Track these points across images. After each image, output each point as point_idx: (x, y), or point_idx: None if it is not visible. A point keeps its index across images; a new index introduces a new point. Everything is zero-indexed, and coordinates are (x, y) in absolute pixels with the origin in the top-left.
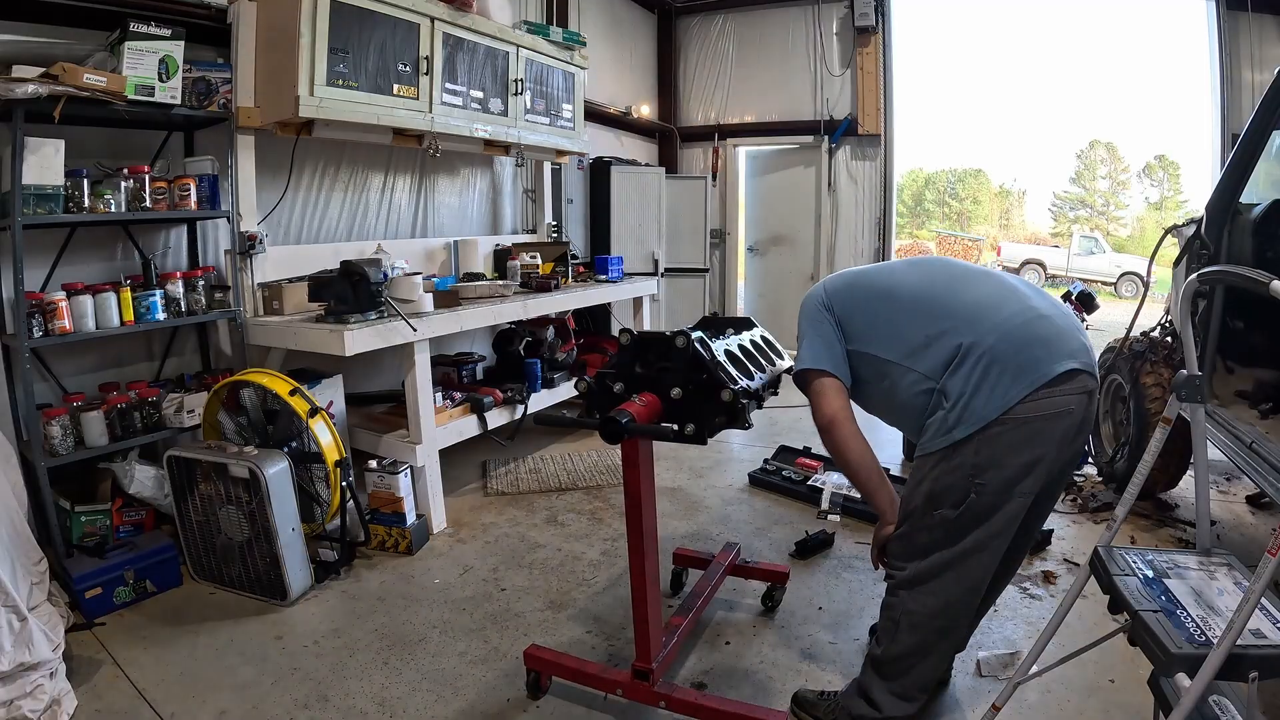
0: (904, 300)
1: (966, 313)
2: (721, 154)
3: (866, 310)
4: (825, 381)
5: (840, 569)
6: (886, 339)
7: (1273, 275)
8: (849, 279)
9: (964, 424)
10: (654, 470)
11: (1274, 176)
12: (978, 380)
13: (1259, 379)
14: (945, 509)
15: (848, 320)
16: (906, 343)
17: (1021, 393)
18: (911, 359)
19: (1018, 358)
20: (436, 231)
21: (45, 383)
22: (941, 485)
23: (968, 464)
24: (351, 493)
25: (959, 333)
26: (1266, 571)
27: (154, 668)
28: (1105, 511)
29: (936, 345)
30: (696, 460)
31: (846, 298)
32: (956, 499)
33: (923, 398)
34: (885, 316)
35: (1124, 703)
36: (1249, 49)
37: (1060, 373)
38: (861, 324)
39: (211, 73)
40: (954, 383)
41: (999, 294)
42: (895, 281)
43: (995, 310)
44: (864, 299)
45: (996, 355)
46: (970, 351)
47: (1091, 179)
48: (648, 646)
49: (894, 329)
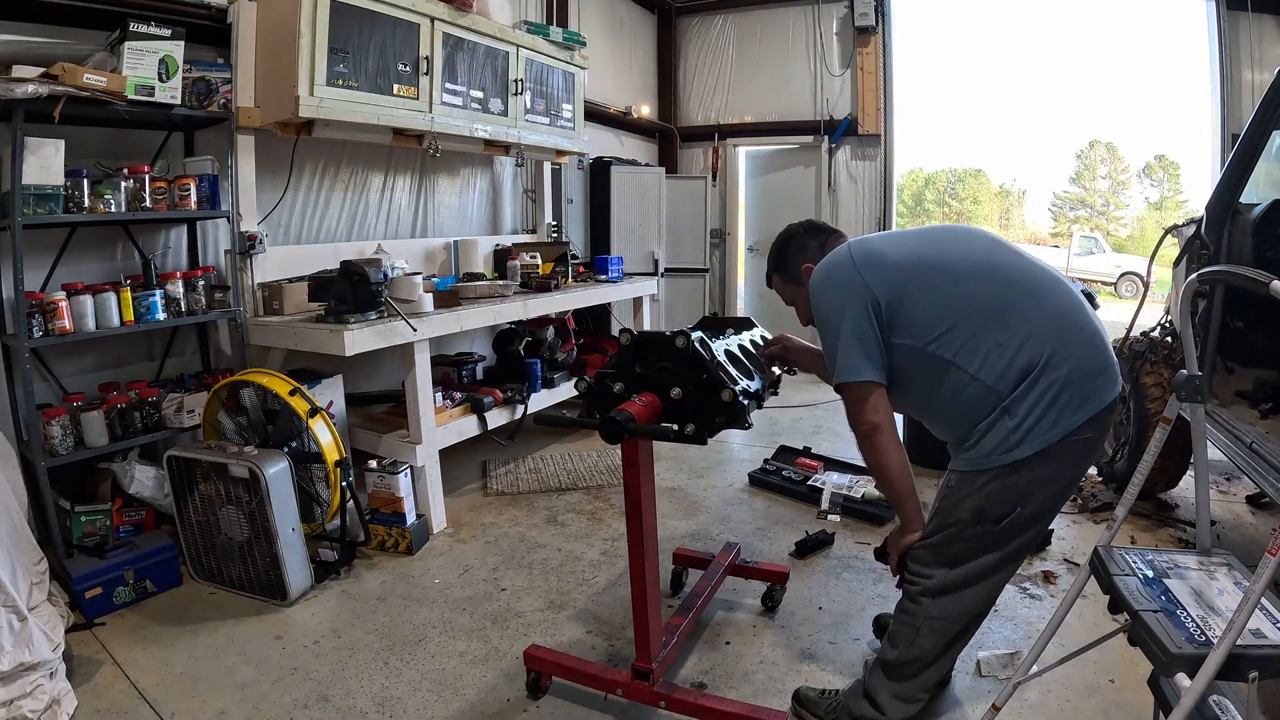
0: (970, 293)
1: (1046, 327)
2: (721, 154)
3: (923, 300)
4: (869, 388)
5: (840, 569)
6: (951, 338)
7: (1273, 275)
8: (890, 256)
9: (1026, 445)
10: (654, 470)
11: (1274, 176)
12: (1049, 402)
13: (1259, 379)
14: (989, 524)
15: (898, 310)
16: (975, 345)
17: (1082, 420)
18: (978, 365)
19: (1086, 386)
20: (436, 231)
21: (45, 383)
22: (992, 501)
23: (1022, 483)
24: (351, 493)
25: (1038, 348)
26: (1266, 571)
27: (154, 668)
28: (1105, 511)
29: (1011, 356)
30: (696, 460)
31: (894, 284)
32: (1002, 514)
33: (979, 406)
34: (947, 310)
35: (1124, 703)
36: (1249, 49)
37: (1111, 400)
38: (918, 316)
39: (211, 73)
40: (1024, 403)
41: (1075, 309)
42: (952, 261)
43: (1075, 330)
44: (918, 286)
45: (1071, 379)
46: (1046, 370)
47: (1091, 179)
48: (648, 646)
49: (960, 327)
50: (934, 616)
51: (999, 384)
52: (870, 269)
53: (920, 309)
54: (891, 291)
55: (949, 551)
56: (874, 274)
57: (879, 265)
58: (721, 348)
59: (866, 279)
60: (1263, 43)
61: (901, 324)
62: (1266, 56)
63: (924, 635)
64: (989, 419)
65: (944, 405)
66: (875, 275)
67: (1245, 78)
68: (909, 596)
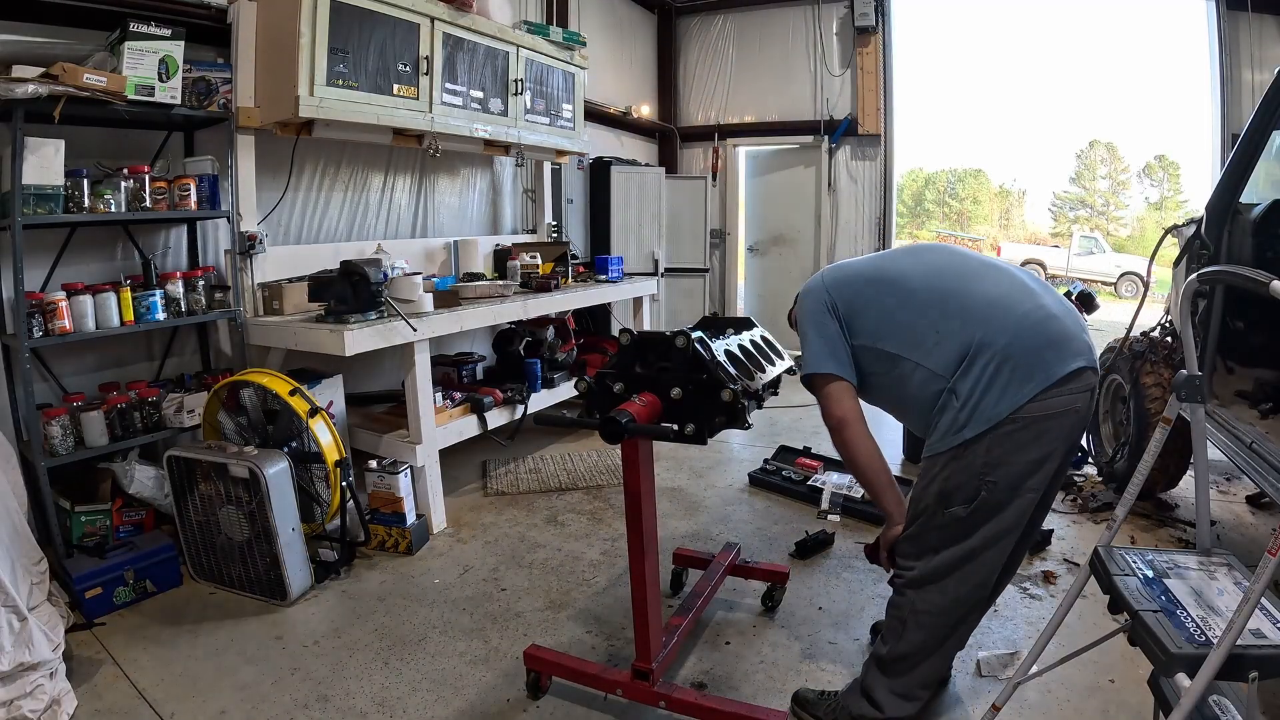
0: (914, 292)
1: (979, 310)
2: (721, 154)
3: (874, 304)
4: (833, 384)
5: (840, 569)
6: (896, 334)
7: (1273, 275)
8: (850, 272)
9: (974, 423)
10: (654, 470)
11: (1274, 176)
12: (989, 380)
13: (1259, 379)
14: (956, 507)
15: (854, 316)
16: (917, 338)
17: (1031, 393)
18: (922, 355)
19: (1029, 359)
20: (436, 231)
21: (45, 383)
22: (953, 484)
23: (978, 462)
24: (351, 493)
25: (971, 330)
26: (1266, 571)
27: (154, 668)
28: (1105, 511)
29: (948, 341)
30: (696, 460)
31: (851, 293)
32: (967, 497)
33: (932, 394)
34: (894, 310)
35: (1124, 703)
36: (1249, 49)
37: (1068, 373)
38: (870, 319)
39: (211, 73)
40: (965, 382)
41: (1011, 291)
42: (901, 272)
43: (1008, 309)
44: (870, 293)
45: (1009, 355)
46: (982, 350)
47: (1091, 179)
48: (648, 646)
49: (904, 323)
50: (920, 610)
51: (943, 368)
52: (833, 285)
53: (871, 311)
54: (848, 300)
55: (925, 542)
56: (835, 288)
57: (839, 281)
58: (721, 348)
59: (830, 292)
60: (1263, 43)
61: (856, 325)
62: (1266, 56)
63: (911, 629)
64: (939, 403)
65: (906, 398)
66: (836, 289)
67: (1245, 78)
68: (896, 590)
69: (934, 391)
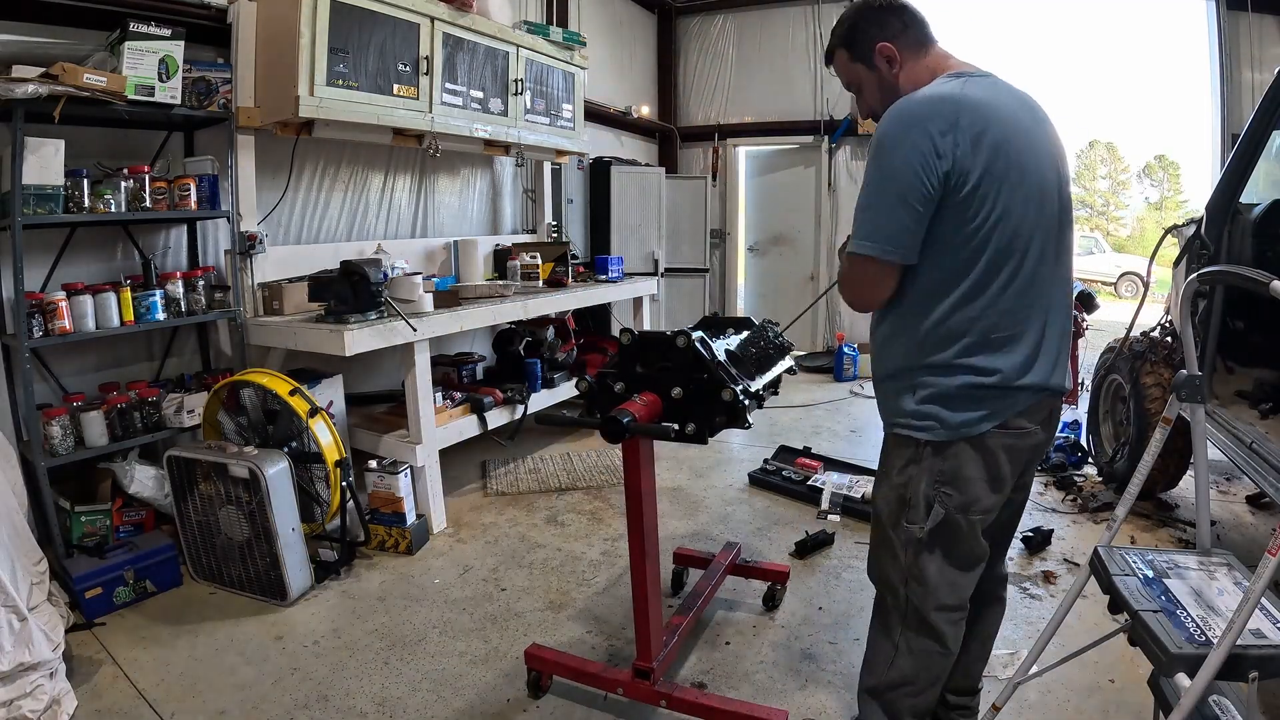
0: (1027, 241)
1: (1032, 334)
2: (721, 154)
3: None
4: (883, 268)
5: (840, 569)
6: (972, 272)
7: (1273, 275)
8: (995, 137)
9: (942, 430)
10: (654, 470)
11: (1274, 176)
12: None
13: (1259, 379)
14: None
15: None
16: (984, 296)
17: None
18: (966, 317)
19: (1017, 395)
20: (436, 231)
21: (45, 383)
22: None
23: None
24: (351, 493)
25: (1016, 331)
26: (1266, 571)
27: (154, 668)
28: (1105, 511)
29: (995, 328)
30: (697, 460)
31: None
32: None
33: (929, 342)
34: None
35: (1124, 703)
36: (1249, 49)
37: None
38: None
39: (211, 73)
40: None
41: (1057, 312)
42: (1036, 190)
43: (1047, 349)
44: (1008, 194)
45: (1004, 382)
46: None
47: (1091, 179)
48: (648, 646)
49: (988, 268)
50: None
51: (961, 349)
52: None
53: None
54: (971, 169)
55: None
56: (962, 149)
57: (969, 132)
58: (722, 347)
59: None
60: (1263, 43)
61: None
62: (1266, 56)
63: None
64: (924, 360)
65: (904, 332)
66: (962, 148)
67: (1245, 78)
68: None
69: (935, 343)
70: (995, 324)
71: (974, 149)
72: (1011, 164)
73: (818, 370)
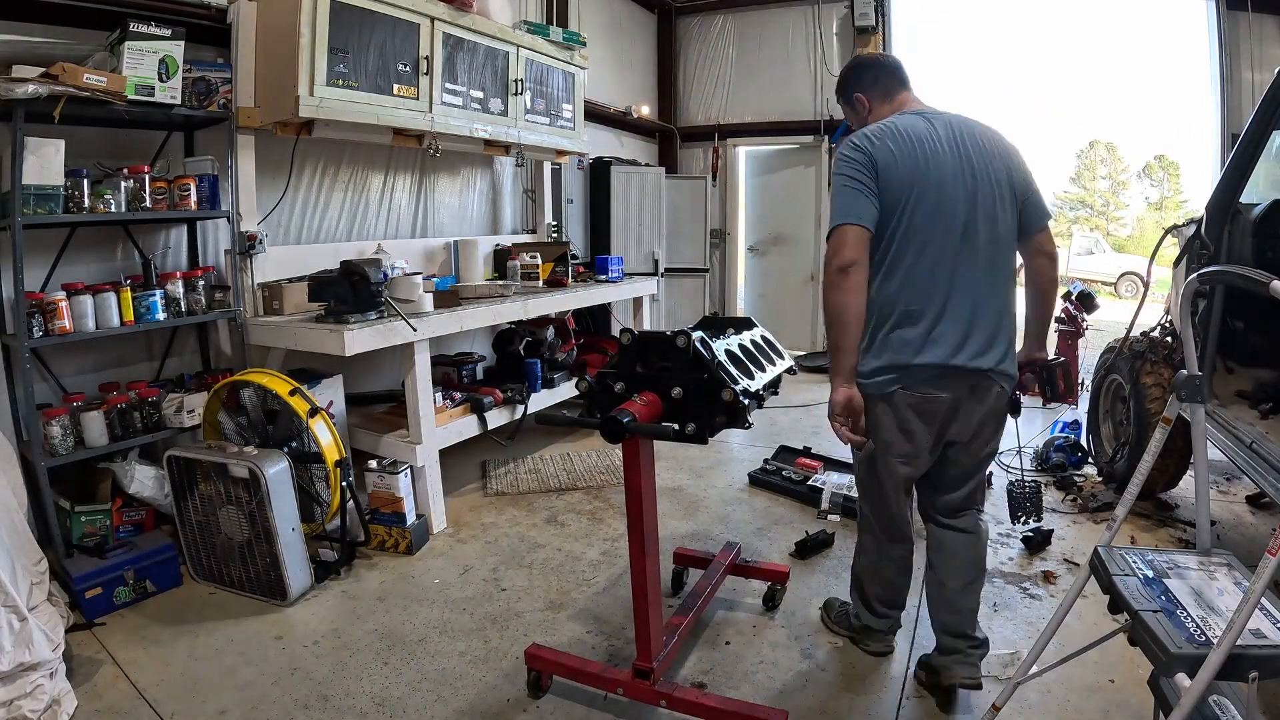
0: (937, 233)
1: (937, 312)
2: (721, 154)
3: (916, 203)
4: (849, 230)
5: (840, 569)
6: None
7: (1273, 275)
8: (905, 161)
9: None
10: (654, 470)
11: (1274, 176)
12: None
13: (1259, 379)
14: None
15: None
16: (895, 278)
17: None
18: (889, 285)
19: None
20: (436, 231)
21: (45, 383)
22: None
23: None
24: (351, 493)
25: (922, 310)
26: (1266, 571)
27: (154, 668)
28: (1105, 511)
29: (905, 303)
30: (697, 460)
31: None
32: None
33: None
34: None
35: (1124, 703)
36: (1249, 49)
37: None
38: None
39: (211, 73)
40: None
41: (961, 300)
42: (944, 198)
43: (948, 331)
44: (915, 191)
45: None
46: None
47: (1091, 179)
48: (648, 646)
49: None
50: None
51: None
52: (877, 146)
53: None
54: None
55: None
56: (880, 155)
57: (883, 148)
58: (722, 347)
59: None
60: (1263, 43)
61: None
62: (1266, 56)
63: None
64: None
65: None
66: (880, 155)
67: (1245, 78)
68: None
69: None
70: (909, 302)
71: (893, 158)
72: (918, 175)
73: (818, 370)
